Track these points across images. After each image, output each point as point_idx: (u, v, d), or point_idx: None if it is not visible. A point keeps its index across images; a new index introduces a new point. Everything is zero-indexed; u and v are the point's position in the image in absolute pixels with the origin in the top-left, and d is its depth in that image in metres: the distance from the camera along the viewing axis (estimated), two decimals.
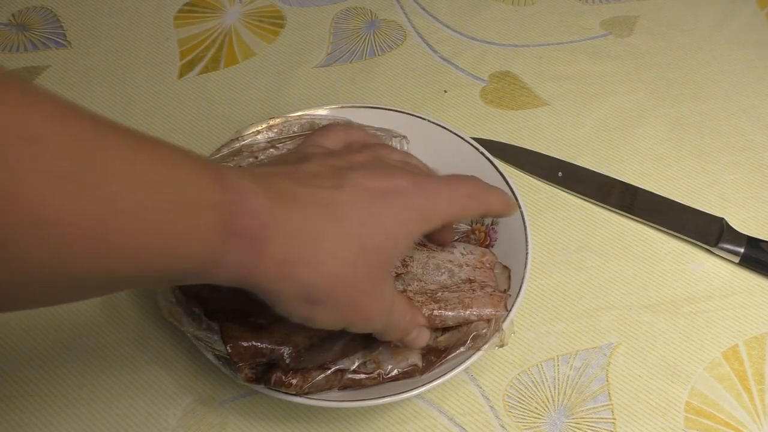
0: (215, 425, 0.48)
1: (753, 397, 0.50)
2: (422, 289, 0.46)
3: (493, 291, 0.47)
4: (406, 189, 0.38)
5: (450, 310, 0.45)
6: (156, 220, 0.29)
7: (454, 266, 0.48)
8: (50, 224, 0.26)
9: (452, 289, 0.46)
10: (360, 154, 0.41)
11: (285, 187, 0.35)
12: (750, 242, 0.55)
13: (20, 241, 0.25)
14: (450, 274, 0.47)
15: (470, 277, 0.47)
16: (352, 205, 0.36)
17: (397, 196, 0.38)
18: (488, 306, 0.46)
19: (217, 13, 0.71)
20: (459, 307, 0.45)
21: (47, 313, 0.52)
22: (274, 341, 0.42)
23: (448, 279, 0.47)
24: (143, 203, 0.29)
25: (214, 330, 0.43)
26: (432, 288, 0.46)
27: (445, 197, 0.40)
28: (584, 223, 0.58)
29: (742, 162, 0.61)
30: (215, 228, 0.32)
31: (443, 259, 0.48)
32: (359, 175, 0.38)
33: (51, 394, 0.49)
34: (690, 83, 0.66)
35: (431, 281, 0.46)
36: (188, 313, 0.44)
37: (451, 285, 0.47)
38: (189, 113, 0.63)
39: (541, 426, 0.48)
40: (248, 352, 0.42)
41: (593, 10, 0.71)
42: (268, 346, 0.42)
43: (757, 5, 0.71)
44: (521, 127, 0.63)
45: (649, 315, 0.53)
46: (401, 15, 0.71)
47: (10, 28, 0.69)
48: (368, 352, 0.45)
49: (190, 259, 0.32)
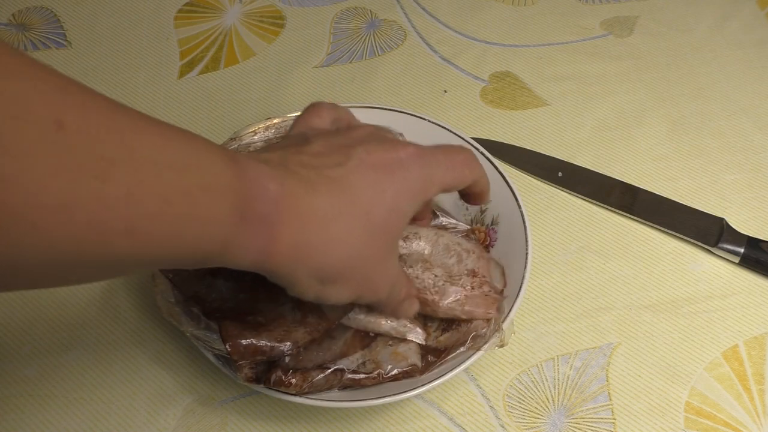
0: (215, 425, 0.48)
1: (753, 397, 0.50)
2: (427, 269, 0.46)
3: (489, 291, 0.47)
4: (408, 160, 0.38)
5: (444, 301, 0.45)
6: (181, 203, 0.30)
7: (462, 250, 0.47)
8: (80, 205, 0.26)
9: (454, 280, 0.46)
10: (358, 130, 0.41)
11: (295, 170, 0.36)
12: (750, 242, 0.55)
13: (50, 221, 0.26)
14: (458, 258, 0.47)
15: (474, 267, 0.47)
16: (359, 183, 0.37)
17: (400, 169, 0.38)
18: (481, 307, 0.46)
19: (217, 13, 0.71)
20: (454, 301, 0.45)
21: (47, 313, 0.52)
22: (273, 338, 0.42)
23: (456, 264, 0.47)
24: (170, 187, 0.29)
25: (213, 329, 0.43)
26: (436, 273, 0.46)
27: (444, 166, 0.40)
28: (584, 223, 0.58)
29: (742, 162, 0.61)
30: (233, 212, 0.32)
31: (452, 240, 0.47)
32: (362, 150, 0.38)
33: (51, 394, 0.49)
34: (690, 83, 0.66)
35: (439, 263, 0.46)
36: (187, 313, 0.44)
37: (455, 274, 0.46)
38: (189, 113, 0.63)
39: (541, 426, 0.48)
40: (248, 351, 0.42)
41: (593, 10, 0.71)
42: (267, 344, 0.42)
43: (757, 5, 0.71)
44: (521, 127, 0.63)
45: (649, 315, 0.53)
46: (401, 15, 0.71)
47: (10, 28, 0.69)
48: (368, 352, 0.45)
49: (210, 242, 0.32)
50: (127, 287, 0.53)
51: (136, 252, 0.29)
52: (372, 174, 0.37)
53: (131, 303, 0.53)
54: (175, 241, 0.31)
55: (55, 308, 0.52)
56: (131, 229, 0.28)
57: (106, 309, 0.52)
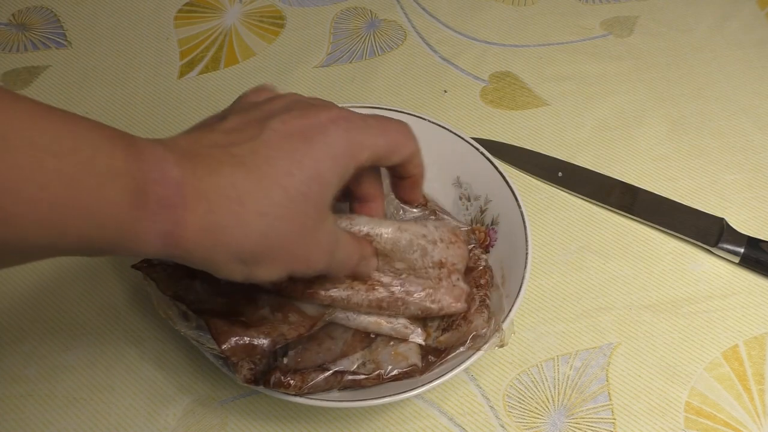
0: (215, 425, 0.48)
1: (753, 398, 0.50)
2: (389, 268, 0.44)
3: (458, 279, 0.46)
4: (329, 125, 0.37)
5: (412, 296, 0.44)
6: (61, 188, 0.29)
7: (428, 243, 0.45)
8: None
9: (419, 273, 0.45)
10: (279, 100, 0.39)
11: (199, 150, 0.34)
12: (750, 242, 0.55)
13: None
14: (422, 252, 0.45)
15: (442, 258, 0.46)
16: (273, 155, 0.35)
17: (320, 134, 0.36)
18: (450, 298, 0.45)
19: (217, 13, 0.71)
20: (422, 295, 0.44)
21: (47, 313, 0.52)
22: (261, 334, 0.41)
23: (419, 259, 0.45)
24: (48, 172, 0.29)
25: (205, 328, 0.42)
26: (398, 267, 0.44)
27: (375, 130, 0.38)
28: (584, 223, 0.58)
29: (742, 162, 0.61)
30: (127, 197, 0.31)
31: (416, 234, 0.45)
32: (278, 120, 0.36)
33: (51, 394, 0.49)
34: (690, 83, 0.66)
35: (400, 259, 0.44)
36: (180, 314, 0.44)
37: (419, 268, 0.45)
38: (189, 113, 0.63)
39: (541, 426, 0.48)
40: (239, 347, 0.41)
41: (593, 10, 0.71)
42: (260, 339, 0.41)
43: (757, 5, 0.72)
44: (521, 127, 0.63)
45: (649, 315, 0.53)
46: (401, 15, 0.71)
47: (10, 28, 0.69)
48: (368, 353, 0.45)
49: (102, 228, 0.31)
50: (126, 287, 0.53)
51: (17, 239, 0.29)
52: (287, 144, 0.35)
53: (131, 303, 0.53)
54: (60, 228, 0.30)
55: (55, 308, 0.52)
56: (5, 217, 0.28)
57: (106, 309, 0.52)
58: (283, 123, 0.36)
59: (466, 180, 0.54)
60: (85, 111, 0.63)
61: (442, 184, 0.55)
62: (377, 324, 0.45)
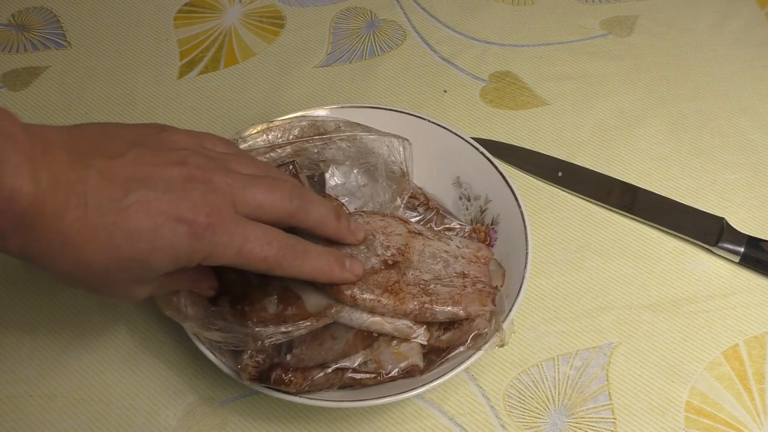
0: (215, 425, 0.48)
1: (753, 397, 0.50)
2: (417, 279, 0.46)
3: (483, 287, 0.47)
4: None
5: (440, 305, 0.45)
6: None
7: (450, 257, 0.48)
8: None
9: (445, 282, 0.46)
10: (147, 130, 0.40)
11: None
12: (750, 242, 0.55)
13: None
14: (445, 263, 0.47)
15: (464, 270, 0.47)
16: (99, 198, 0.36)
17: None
18: (476, 303, 0.46)
19: (217, 14, 0.71)
20: (449, 302, 0.45)
21: (47, 313, 0.52)
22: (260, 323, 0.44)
23: (442, 269, 0.47)
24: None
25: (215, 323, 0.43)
26: (426, 278, 0.46)
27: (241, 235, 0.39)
28: (584, 223, 0.58)
29: (742, 162, 0.61)
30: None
31: (439, 249, 0.48)
32: (128, 159, 0.37)
33: (51, 394, 0.49)
34: (690, 83, 0.66)
35: (426, 269, 0.46)
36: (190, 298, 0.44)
37: (444, 277, 0.46)
38: (189, 113, 0.63)
39: (542, 426, 0.48)
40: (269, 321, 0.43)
41: (593, 10, 0.71)
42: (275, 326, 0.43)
43: (757, 5, 0.72)
44: (521, 127, 0.63)
45: (649, 315, 0.53)
46: (401, 15, 0.71)
47: (10, 28, 0.69)
48: (369, 352, 0.45)
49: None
50: None
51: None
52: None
53: (131, 303, 0.53)
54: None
55: (55, 308, 0.52)
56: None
57: (106, 309, 0.52)
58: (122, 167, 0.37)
59: (466, 180, 0.54)
60: (85, 111, 0.63)
61: (442, 184, 0.55)
62: (380, 324, 0.45)
